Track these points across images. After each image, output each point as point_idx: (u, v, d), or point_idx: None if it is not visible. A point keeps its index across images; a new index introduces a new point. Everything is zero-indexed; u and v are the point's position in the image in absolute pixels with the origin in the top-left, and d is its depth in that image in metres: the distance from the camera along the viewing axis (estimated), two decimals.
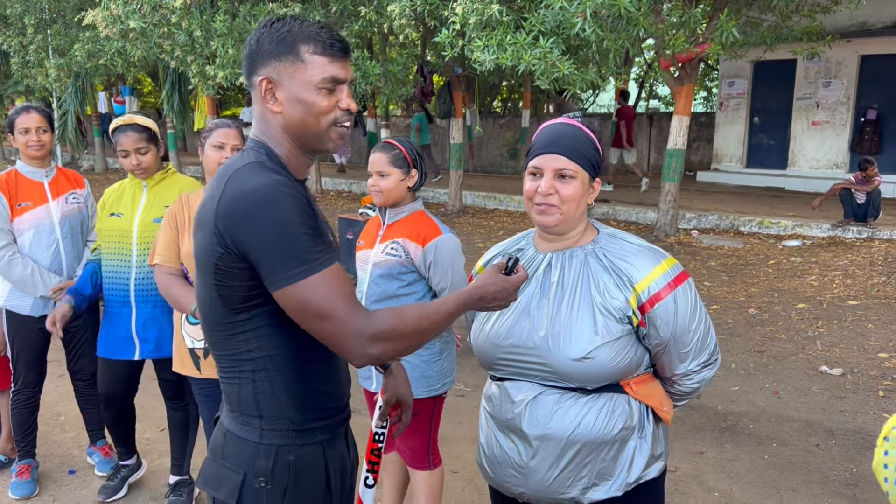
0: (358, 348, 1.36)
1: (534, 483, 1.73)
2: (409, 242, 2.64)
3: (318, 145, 1.50)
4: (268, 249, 1.33)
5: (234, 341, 1.46)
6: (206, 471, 1.55)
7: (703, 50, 7.71)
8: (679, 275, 1.71)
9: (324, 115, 1.45)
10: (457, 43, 7.13)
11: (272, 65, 1.44)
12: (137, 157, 3.06)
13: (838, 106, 13.11)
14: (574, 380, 1.67)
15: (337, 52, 1.45)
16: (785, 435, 4.16)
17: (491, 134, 19.09)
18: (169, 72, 15.48)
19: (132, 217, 3.11)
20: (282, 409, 1.48)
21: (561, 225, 1.73)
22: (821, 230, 9.06)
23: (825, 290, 6.91)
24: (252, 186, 1.35)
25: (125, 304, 3.12)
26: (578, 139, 1.72)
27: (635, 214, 10.69)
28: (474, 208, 12.48)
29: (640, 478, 1.73)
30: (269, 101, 1.46)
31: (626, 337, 1.68)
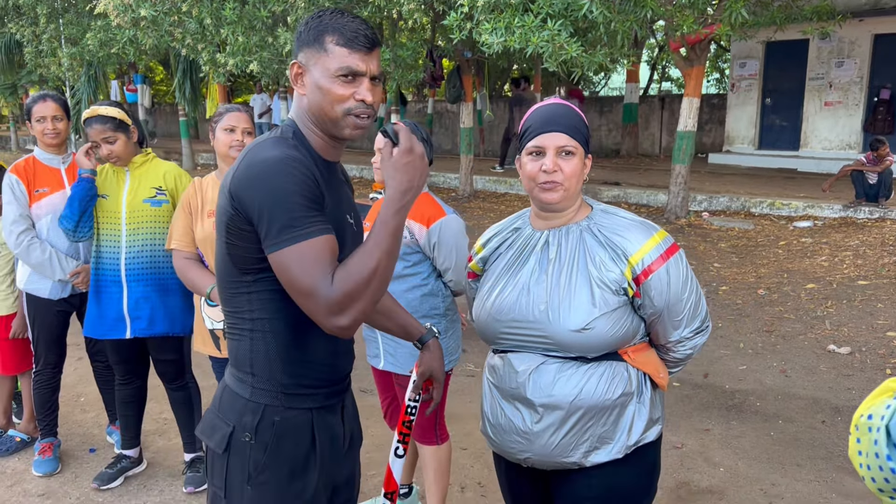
0: (325, 320, 1.41)
1: (538, 448, 1.80)
2: (413, 224, 2.69)
3: (335, 131, 1.57)
4: (264, 214, 1.43)
5: (239, 300, 1.56)
6: (204, 420, 1.65)
7: (713, 31, 7.68)
8: (670, 247, 1.78)
9: (338, 102, 1.52)
10: (465, 26, 7.15)
11: (304, 51, 1.56)
12: (107, 146, 3.13)
13: (851, 86, 12.99)
14: (574, 350, 1.75)
15: (358, 45, 1.52)
16: (791, 412, 4.20)
17: (501, 118, 19.06)
18: (180, 60, 15.57)
19: (118, 198, 3.18)
20: (272, 372, 1.57)
21: (563, 201, 1.79)
22: (832, 211, 9.03)
23: (835, 271, 6.91)
24: (264, 157, 1.46)
25: (115, 283, 3.19)
26: (573, 117, 1.80)
27: (646, 197, 10.69)
28: (485, 192, 12.51)
29: (640, 441, 1.81)
30: (298, 84, 1.58)
31: (622, 308, 1.75)
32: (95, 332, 3.25)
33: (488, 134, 18.48)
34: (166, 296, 3.23)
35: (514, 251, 1.89)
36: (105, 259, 3.19)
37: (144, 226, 3.18)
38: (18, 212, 3.33)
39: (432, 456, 2.86)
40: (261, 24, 9.21)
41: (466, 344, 5.08)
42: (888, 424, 1.06)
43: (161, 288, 3.22)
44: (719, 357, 5.06)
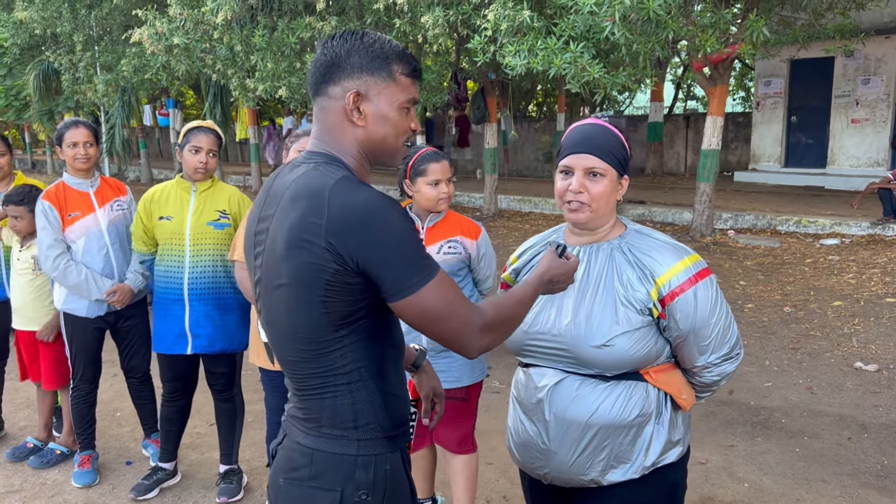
0: (474, 342, 1.42)
1: (556, 464, 1.83)
2: (465, 239, 2.84)
3: (389, 160, 1.55)
4: (391, 260, 1.36)
5: (331, 356, 1.45)
6: (285, 496, 1.51)
7: (734, 50, 7.73)
8: (701, 271, 1.79)
9: (403, 134, 1.51)
10: (489, 49, 7.28)
11: (363, 79, 1.45)
12: (208, 158, 3.28)
13: (878, 103, 12.91)
14: (594, 366, 1.77)
15: (418, 75, 1.52)
16: (817, 429, 4.20)
17: (526, 138, 19.19)
18: (211, 84, 15.95)
19: (183, 220, 3.30)
20: (378, 418, 1.49)
21: (591, 221, 1.83)
22: (860, 228, 8.97)
23: (863, 288, 6.87)
24: (361, 200, 1.36)
25: (178, 302, 3.32)
26: (607, 138, 1.81)
27: (671, 215, 10.69)
28: (509, 212, 12.59)
29: (658, 462, 1.81)
30: (354, 114, 1.46)
31: (645, 328, 1.77)
32: (162, 347, 3.39)
33: (513, 154, 18.59)
34: (225, 313, 3.37)
35: None
36: (169, 278, 3.33)
37: (207, 247, 3.31)
38: (53, 237, 3.46)
39: (465, 465, 2.94)
40: (289, 51, 9.44)
41: (493, 361, 5.15)
42: None
43: (221, 306, 3.35)
44: (744, 374, 5.07)
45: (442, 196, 2.78)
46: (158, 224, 3.33)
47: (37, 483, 3.70)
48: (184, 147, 3.27)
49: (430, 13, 7.63)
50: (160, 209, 3.33)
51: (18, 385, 5.06)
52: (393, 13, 8.54)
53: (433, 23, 7.58)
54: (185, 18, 9.28)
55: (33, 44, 17.32)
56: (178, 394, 3.52)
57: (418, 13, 7.96)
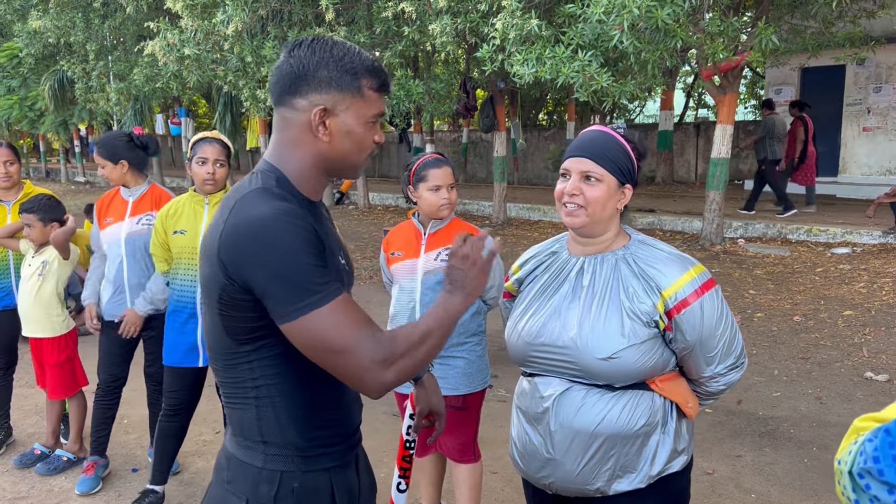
0: (372, 379, 1.32)
1: (561, 474, 1.82)
2: None
3: (351, 174, 1.51)
4: (272, 282, 1.29)
5: (239, 370, 1.43)
6: (210, 493, 1.53)
7: (744, 58, 7.72)
8: (706, 282, 1.78)
9: (366, 149, 1.48)
10: (497, 58, 7.30)
11: (331, 94, 1.41)
12: (216, 168, 3.28)
13: (890, 111, 12.83)
14: (601, 378, 1.76)
15: (386, 89, 1.48)
16: (826, 440, 4.16)
17: (536, 146, 19.19)
18: (221, 94, 16.07)
19: (197, 233, 3.29)
20: (285, 436, 1.44)
21: (587, 227, 1.82)
22: (871, 237, 8.90)
23: (874, 297, 6.81)
24: (256, 215, 1.31)
25: (193, 317, 3.33)
26: (608, 145, 1.81)
27: (680, 224, 10.65)
28: (518, 220, 12.58)
29: (664, 471, 1.81)
30: (319, 129, 1.42)
31: (651, 340, 1.76)
32: (174, 360, 3.38)
33: (522, 162, 18.60)
34: None
35: (550, 275, 1.92)
36: (183, 292, 3.33)
37: None
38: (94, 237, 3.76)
39: (469, 474, 2.93)
40: None
41: (498, 370, 5.13)
42: (850, 470, 1.03)
43: None
44: (753, 384, 5.03)
45: (443, 202, 2.77)
46: (173, 239, 3.32)
47: (43, 490, 3.72)
48: (192, 160, 3.29)
49: (438, 21, 7.67)
50: (175, 224, 3.31)
51: (27, 392, 5.10)
52: (402, 21, 8.58)
53: (441, 31, 7.62)
54: (196, 30, 9.36)
55: (48, 54, 17.52)
56: (180, 408, 3.45)
57: (427, 21, 8.00)
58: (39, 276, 3.87)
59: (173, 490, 3.67)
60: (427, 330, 1.38)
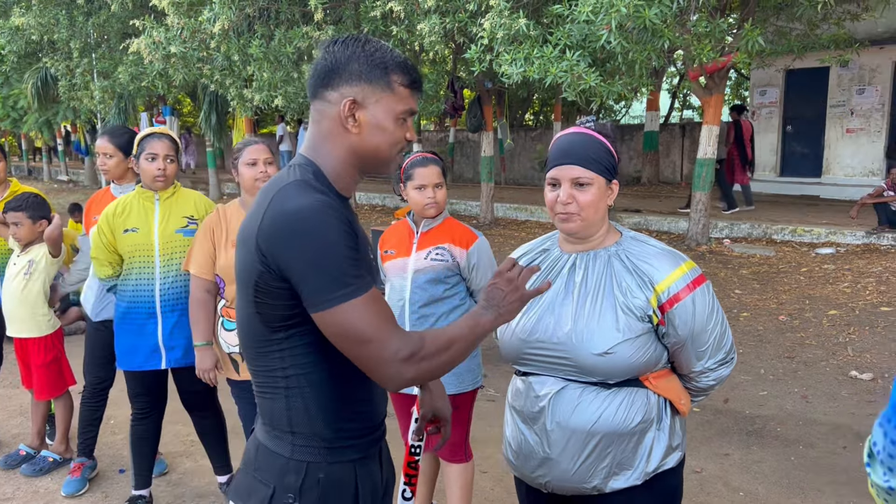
0: (393, 371, 1.35)
1: (558, 472, 1.82)
2: (454, 247, 2.81)
3: (382, 170, 1.52)
4: (309, 271, 1.33)
5: (270, 358, 1.46)
6: (237, 481, 1.56)
7: (730, 60, 7.77)
8: (697, 277, 1.80)
9: (397, 144, 1.49)
10: (485, 58, 7.30)
11: (361, 87, 1.44)
12: (167, 164, 3.17)
13: (873, 112, 12.97)
14: (596, 374, 1.77)
15: (418, 87, 1.51)
16: (812, 438, 4.20)
17: (522, 146, 19.23)
18: (207, 92, 15.97)
19: (150, 230, 3.18)
20: (313, 427, 1.47)
21: (583, 230, 1.83)
22: (855, 237, 8.99)
23: (858, 297, 6.88)
24: (295, 206, 1.35)
25: (151, 316, 3.21)
26: (591, 147, 1.81)
27: (667, 224, 10.71)
28: (506, 220, 12.60)
29: (659, 467, 1.82)
30: (348, 121, 1.45)
31: (646, 335, 1.77)
32: (130, 364, 3.26)
33: (509, 162, 18.63)
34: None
35: (542, 272, 1.92)
36: (139, 292, 3.20)
37: (177, 255, 3.19)
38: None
39: (460, 474, 2.92)
40: (286, 60, 9.46)
41: (487, 369, 5.13)
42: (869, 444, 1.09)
43: None
44: (740, 382, 5.06)
45: (428, 201, 2.77)
46: (123, 238, 3.16)
47: (29, 491, 3.68)
48: (139, 156, 3.16)
49: (426, 21, 7.66)
50: (124, 222, 3.17)
51: (11, 392, 5.04)
52: (390, 21, 8.57)
53: (429, 30, 7.61)
54: (182, 28, 9.29)
55: (30, 51, 17.32)
56: (149, 410, 3.36)
57: (415, 21, 7.99)
58: (25, 276, 3.83)
59: (161, 491, 3.64)
60: (454, 337, 1.42)
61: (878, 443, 1.06)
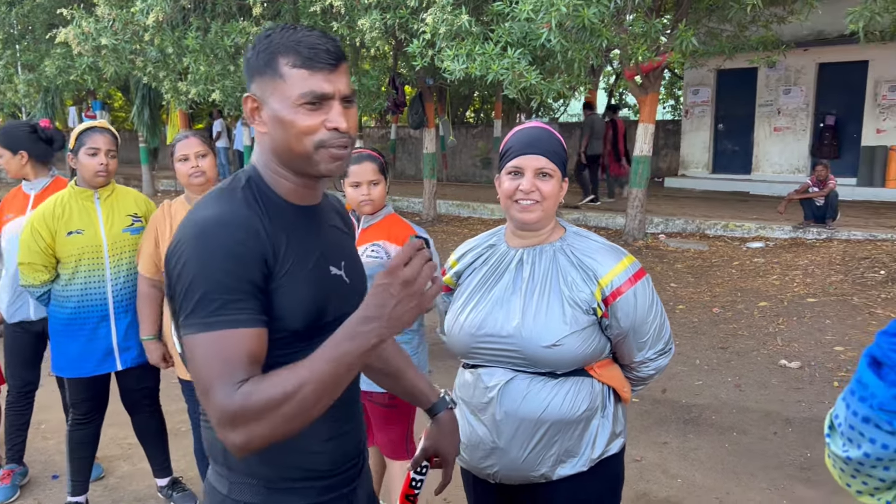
0: (222, 437, 1.15)
1: (507, 462, 1.85)
2: (388, 244, 2.78)
3: (308, 169, 1.31)
4: (179, 287, 1.21)
5: None
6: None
7: (664, 59, 7.98)
8: (638, 271, 1.87)
9: (306, 135, 1.27)
10: (427, 53, 7.31)
11: (257, 81, 1.31)
12: (109, 160, 3.07)
13: (798, 112, 13.52)
14: (544, 365, 1.81)
15: (319, 64, 1.27)
16: (745, 425, 4.36)
17: (464, 143, 19.30)
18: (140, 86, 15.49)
19: (96, 231, 3.07)
20: (249, 464, 1.31)
21: (540, 221, 1.87)
22: (783, 232, 9.35)
23: (786, 289, 7.17)
24: (194, 218, 1.25)
25: (104, 319, 3.11)
26: (553, 141, 1.87)
27: (605, 220, 10.93)
28: (448, 217, 12.65)
29: (603, 453, 1.88)
30: (256, 121, 1.33)
31: (591, 327, 1.83)
32: (80, 371, 3.12)
33: (451, 159, 18.68)
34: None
35: (489, 267, 1.94)
36: (88, 295, 3.08)
37: (126, 255, 3.13)
38: None
39: (401, 470, 2.92)
40: (223, 53, 9.27)
41: (433, 364, 5.14)
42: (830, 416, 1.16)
43: None
44: (677, 373, 5.22)
45: (363, 198, 2.75)
46: (67, 241, 3.01)
47: None
48: (78, 151, 3.04)
49: (367, 17, 7.62)
50: (66, 224, 3.02)
51: None
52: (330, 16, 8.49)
53: (370, 26, 7.57)
54: (113, 19, 9.00)
55: None
56: (93, 414, 3.25)
57: (356, 17, 7.94)
58: None
59: (98, 496, 3.54)
60: (298, 383, 1.12)
61: (839, 415, 1.12)
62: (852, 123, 12.98)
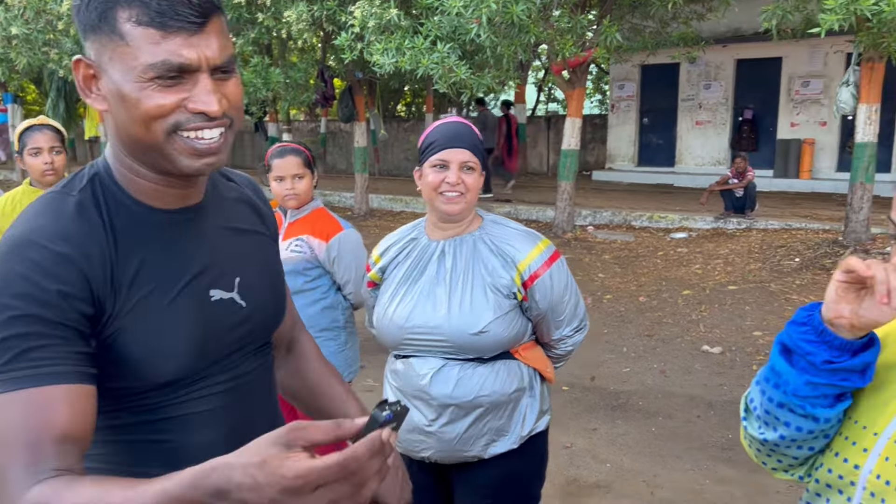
0: None
1: (441, 445, 1.93)
2: (312, 239, 2.75)
3: (162, 163, 0.98)
4: None
5: None
6: None
7: (590, 55, 8.15)
8: (553, 254, 1.96)
9: (153, 119, 0.93)
10: (356, 46, 7.26)
11: (91, 40, 0.95)
12: (54, 157, 3.01)
13: (719, 106, 14.02)
14: (472, 351, 1.89)
15: (175, 20, 0.91)
16: (670, 409, 4.51)
17: (396, 137, 19.26)
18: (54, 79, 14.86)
19: None
20: None
21: (464, 212, 1.93)
22: (705, 222, 9.70)
23: (708, 277, 7.44)
24: (8, 235, 0.95)
25: None
26: (474, 136, 1.95)
27: (535, 213, 11.10)
28: (381, 211, 12.60)
29: (532, 430, 1.98)
30: (92, 94, 0.98)
31: (513, 311, 1.91)
32: None
33: (383, 153, 18.61)
34: None
35: (413, 260, 1.99)
36: None
37: None
38: None
39: None
40: None
41: (365, 359, 5.13)
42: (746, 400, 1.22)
43: None
44: (605, 361, 5.35)
45: (287, 192, 2.72)
46: None
47: None
48: (23, 152, 2.98)
49: (293, 8, 7.51)
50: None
51: None
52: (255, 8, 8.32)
53: (297, 18, 7.46)
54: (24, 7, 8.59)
55: None
56: None
57: (282, 8, 7.81)
58: None
59: None
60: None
61: (755, 399, 1.17)
62: (768, 117, 13.55)
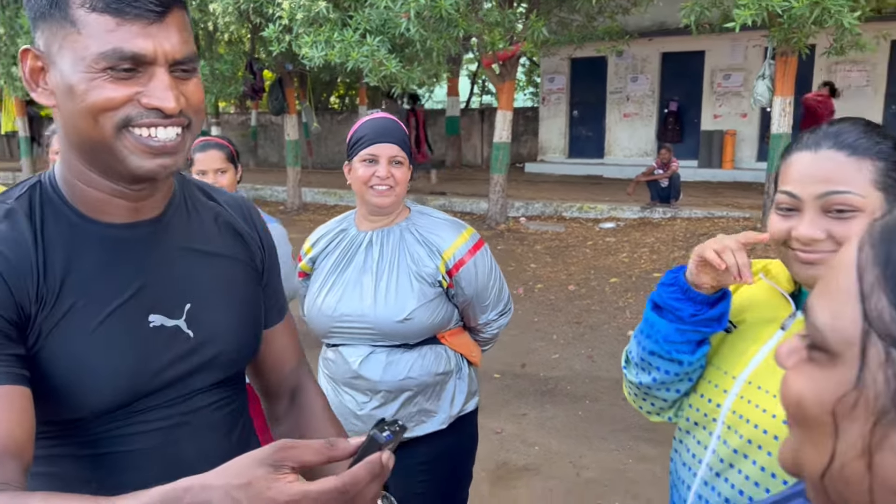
0: None
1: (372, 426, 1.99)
2: None
3: (112, 163, 0.92)
4: None
5: None
6: None
7: (518, 48, 8.28)
8: (477, 242, 2.04)
9: (101, 111, 0.88)
10: (284, 38, 7.20)
11: (41, 28, 0.90)
12: None
13: (645, 99, 14.41)
14: (398, 338, 1.96)
15: (133, 7, 0.87)
16: (597, 393, 4.67)
17: (329, 130, 19.11)
18: None
19: None
20: None
21: (394, 204, 2.00)
22: (632, 212, 9.99)
23: (634, 266, 7.69)
24: None
25: None
26: (402, 131, 2.03)
27: (469, 205, 11.21)
28: (314, 205, 12.51)
29: (462, 410, 2.07)
30: (39, 88, 0.92)
31: (438, 298, 1.98)
32: None
33: (316, 146, 18.43)
34: None
35: (341, 251, 2.05)
36: None
37: None
38: None
39: None
40: None
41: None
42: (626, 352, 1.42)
43: None
44: (535, 348, 5.49)
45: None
46: None
47: None
48: None
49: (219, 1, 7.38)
50: None
51: None
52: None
53: (223, 10, 7.35)
54: None
55: None
56: None
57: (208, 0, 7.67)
58: None
59: None
60: None
61: (632, 350, 1.37)
62: (693, 109, 14.02)
